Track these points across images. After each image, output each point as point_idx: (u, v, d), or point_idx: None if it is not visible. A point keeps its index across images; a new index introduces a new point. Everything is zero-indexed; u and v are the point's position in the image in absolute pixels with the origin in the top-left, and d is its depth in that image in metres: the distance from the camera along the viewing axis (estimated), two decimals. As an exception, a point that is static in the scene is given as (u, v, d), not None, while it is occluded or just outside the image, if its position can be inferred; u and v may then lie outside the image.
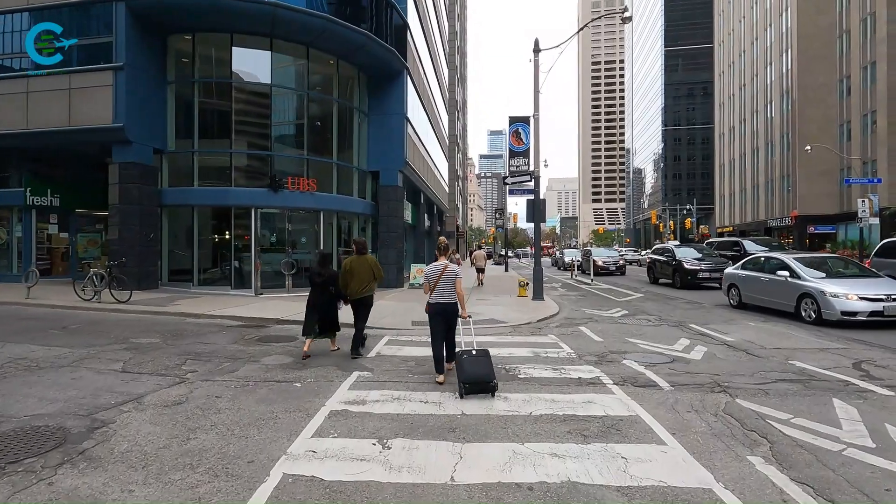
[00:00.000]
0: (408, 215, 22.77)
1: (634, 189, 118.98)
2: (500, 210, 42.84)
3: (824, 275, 10.22)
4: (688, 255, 19.09)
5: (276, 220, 16.12)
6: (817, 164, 43.42)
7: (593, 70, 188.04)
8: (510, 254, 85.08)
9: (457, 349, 5.80)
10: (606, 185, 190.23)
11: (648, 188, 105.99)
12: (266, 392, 5.33)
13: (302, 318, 7.33)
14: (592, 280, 21.95)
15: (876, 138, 37.33)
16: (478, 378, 5.05)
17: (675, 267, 18.71)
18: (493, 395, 5.12)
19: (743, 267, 12.07)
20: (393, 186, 18.84)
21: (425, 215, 28.46)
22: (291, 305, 12.47)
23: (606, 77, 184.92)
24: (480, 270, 20.99)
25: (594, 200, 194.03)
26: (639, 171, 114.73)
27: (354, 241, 7.63)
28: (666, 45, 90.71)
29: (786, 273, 10.43)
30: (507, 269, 33.83)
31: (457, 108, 52.06)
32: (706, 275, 17.58)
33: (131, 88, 14.09)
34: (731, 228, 59.49)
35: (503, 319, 10.77)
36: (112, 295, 11.98)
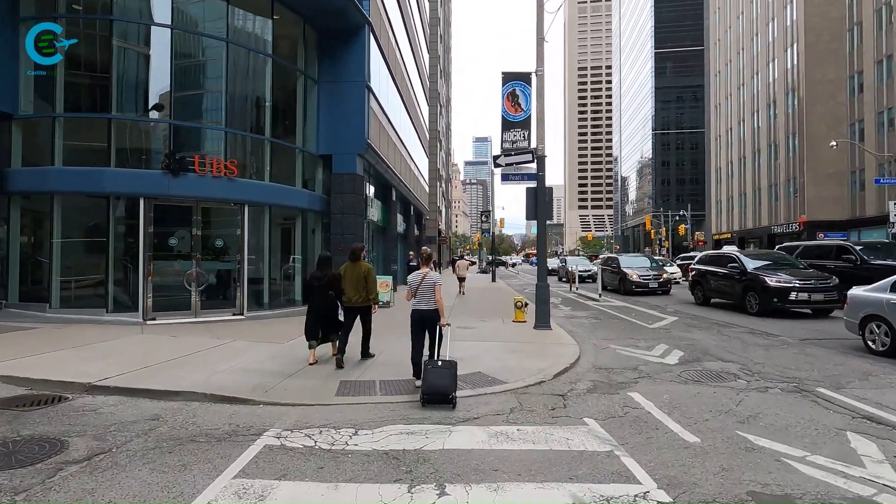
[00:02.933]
0: (375, 214, 18.41)
1: (622, 195, 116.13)
2: (487, 213, 38.80)
3: None
4: (763, 267, 13.26)
5: (178, 215, 11.52)
6: (826, 167, 40.30)
7: (579, 75, 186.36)
8: (515, 260, 78.02)
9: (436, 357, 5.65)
10: (593, 192, 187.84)
11: (636, 194, 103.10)
12: None
13: (168, 372, 6.30)
14: (601, 295, 17.76)
15: (894, 137, 34.28)
16: (437, 390, 5.07)
17: (748, 283, 12.98)
18: (453, 407, 5.02)
19: (893, 289, 7.56)
20: (350, 174, 14.46)
21: (399, 216, 24.03)
22: (177, 345, 7.95)
23: (593, 82, 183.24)
24: (462, 279, 20.39)
25: (580, 207, 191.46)
26: (626, 178, 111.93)
27: (351, 247, 7.48)
28: (656, 46, 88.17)
29: None
30: (494, 279, 29.57)
31: (439, 101, 47.88)
32: (803, 297, 11.86)
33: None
34: (728, 235, 56.17)
35: (497, 375, 6.41)
36: None
